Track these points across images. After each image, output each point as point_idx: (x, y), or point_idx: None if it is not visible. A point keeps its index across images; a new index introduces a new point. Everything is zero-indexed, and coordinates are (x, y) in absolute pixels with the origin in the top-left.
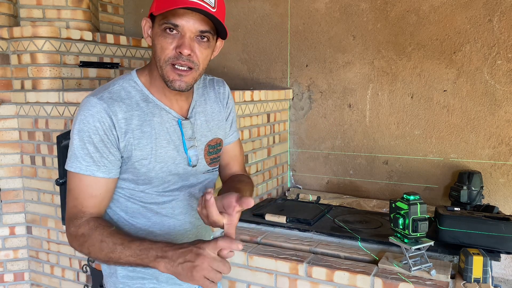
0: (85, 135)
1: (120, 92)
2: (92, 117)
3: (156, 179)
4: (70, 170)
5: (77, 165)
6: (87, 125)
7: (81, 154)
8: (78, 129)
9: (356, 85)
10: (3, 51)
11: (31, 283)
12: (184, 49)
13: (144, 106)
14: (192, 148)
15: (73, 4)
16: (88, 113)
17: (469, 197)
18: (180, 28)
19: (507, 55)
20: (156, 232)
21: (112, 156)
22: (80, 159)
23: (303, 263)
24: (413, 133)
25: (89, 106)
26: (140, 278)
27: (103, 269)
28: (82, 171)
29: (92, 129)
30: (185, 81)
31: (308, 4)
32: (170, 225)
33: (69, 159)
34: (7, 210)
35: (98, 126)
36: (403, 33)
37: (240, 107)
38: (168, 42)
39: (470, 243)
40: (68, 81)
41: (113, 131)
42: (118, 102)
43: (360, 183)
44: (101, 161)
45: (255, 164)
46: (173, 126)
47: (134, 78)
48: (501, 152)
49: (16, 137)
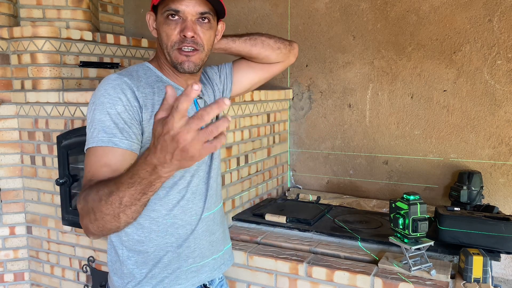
0: (108, 106)
1: (137, 72)
2: (114, 89)
3: None
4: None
5: (99, 139)
6: (109, 97)
7: (101, 128)
8: (99, 103)
9: (356, 85)
10: (3, 51)
11: (31, 283)
12: (188, 32)
13: (160, 85)
14: None
15: (73, 4)
16: (109, 85)
17: (469, 197)
18: (181, 13)
19: (507, 55)
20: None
21: (135, 128)
22: (102, 132)
23: (303, 263)
24: (413, 133)
25: (109, 81)
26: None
27: (109, 266)
28: (104, 143)
29: (116, 100)
30: (193, 61)
31: (308, 4)
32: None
33: (90, 136)
34: (7, 210)
35: (122, 97)
36: (403, 33)
37: (240, 107)
38: (172, 28)
39: (470, 243)
40: (68, 81)
41: (135, 103)
42: (136, 78)
43: (360, 183)
44: (126, 130)
45: (255, 164)
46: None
47: (147, 64)
48: (501, 152)
49: (16, 137)
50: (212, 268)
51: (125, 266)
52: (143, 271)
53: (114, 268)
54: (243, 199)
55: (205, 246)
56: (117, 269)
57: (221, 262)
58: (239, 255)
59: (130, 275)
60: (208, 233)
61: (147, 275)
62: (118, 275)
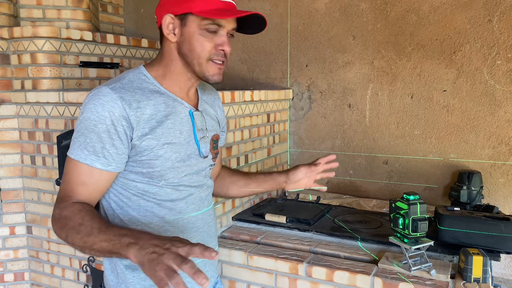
0: (91, 124)
1: (132, 83)
2: (102, 106)
3: (171, 170)
4: (71, 157)
5: (78, 153)
6: (95, 114)
7: (81, 142)
8: (85, 117)
9: (356, 85)
10: (3, 51)
11: (31, 283)
12: (227, 47)
13: (157, 96)
14: (203, 139)
15: (73, 4)
16: (98, 102)
17: (469, 197)
18: (222, 28)
19: (507, 55)
20: (169, 230)
21: (114, 149)
22: (81, 147)
23: (303, 263)
24: (413, 133)
25: (100, 96)
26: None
27: (105, 265)
28: (81, 159)
29: (100, 118)
30: (221, 74)
31: (308, 4)
32: (184, 223)
33: (72, 145)
34: (7, 210)
35: (107, 115)
36: (403, 33)
37: (240, 107)
38: (209, 40)
39: (470, 243)
40: (68, 81)
41: (123, 122)
42: (130, 92)
43: (360, 183)
44: (102, 152)
45: (255, 164)
46: (186, 117)
47: (143, 71)
48: (501, 152)
49: (16, 137)
50: None
51: (120, 269)
52: (136, 275)
53: (111, 267)
54: (243, 199)
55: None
56: (113, 268)
57: (210, 275)
58: (239, 255)
59: (123, 277)
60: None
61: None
62: (114, 275)
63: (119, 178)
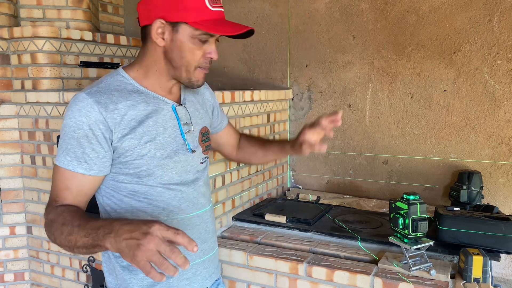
0: (70, 130)
1: (109, 85)
2: (79, 111)
3: (158, 168)
4: (56, 164)
5: (61, 159)
6: (73, 120)
7: (64, 149)
8: (65, 124)
9: (356, 85)
10: (3, 51)
11: (31, 283)
12: (215, 55)
13: (136, 96)
14: (189, 133)
15: (73, 4)
16: (75, 108)
17: (469, 197)
18: (212, 36)
19: (507, 55)
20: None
21: (95, 153)
22: (64, 153)
23: (303, 263)
24: (413, 133)
25: (77, 101)
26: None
27: (104, 267)
28: (64, 165)
29: (77, 124)
30: (205, 78)
31: (308, 4)
32: (179, 220)
33: (57, 152)
34: (7, 210)
35: (84, 121)
36: (403, 33)
37: (240, 107)
38: (198, 48)
39: (470, 243)
40: (68, 81)
41: (100, 126)
42: (107, 94)
43: (360, 183)
44: (83, 157)
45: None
46: (169, 113)
47: (121, 73)
48: (501, 152)
49: (17, 137)
50: (204, 277)
51: (118, 270)
52: (133, 276)
53: (109, 268)
54: (243, 199)
55: (196, 254)
56: (111, 270)
57: (211, 271)
58: (239, 255)
59: (121, 278)
60: (200, 240)
61: (138, 278)
62: (113, 276)
63: (109, 181)
